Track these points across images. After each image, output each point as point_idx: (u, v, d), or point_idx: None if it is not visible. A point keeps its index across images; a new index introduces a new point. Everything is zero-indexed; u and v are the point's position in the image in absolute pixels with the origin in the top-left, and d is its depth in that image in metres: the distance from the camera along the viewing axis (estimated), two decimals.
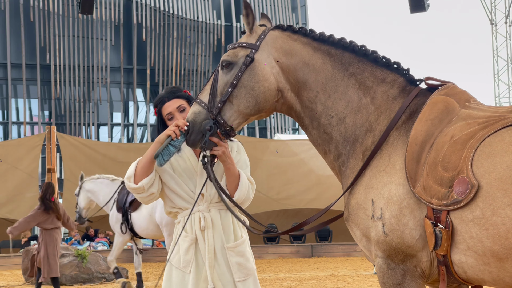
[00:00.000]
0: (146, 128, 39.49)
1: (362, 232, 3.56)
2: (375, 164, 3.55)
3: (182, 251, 3.75)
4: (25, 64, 36.69)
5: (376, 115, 3.64)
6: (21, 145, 18.58)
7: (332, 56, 3.71)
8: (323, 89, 3.68)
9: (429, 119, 3.47)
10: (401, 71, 3.70)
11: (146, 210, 10.41)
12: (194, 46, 38.90)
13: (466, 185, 3.20)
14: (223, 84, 3.67)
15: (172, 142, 3.66)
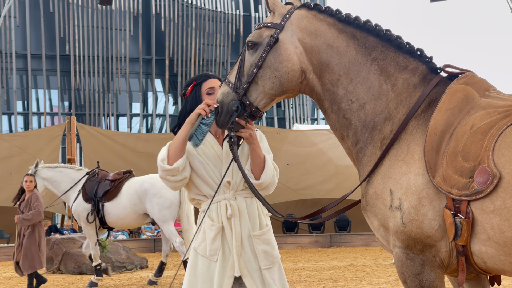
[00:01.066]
0: (165, 119, 39.60)
1: (380, 222, 3.54)
2: (394, 154, 3.51)
3: (208, 240, 3.73)
4: (45, 54, 36.90)
5: (396, 103, 3.58)
6: (42, 135, 18.72)
7: (357, 39, 3.64)
8: (346, 72, 3.62)
9: (448, 108, 3.43)
10: (423, 59, 3.64)
11: (127, 199, 10.55)
12: (212, 36, 38.90)
13: (487, 175, 3.17)
14: (249, 65, 3.64)
15: (203, 120, 3.63)
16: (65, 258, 12.50)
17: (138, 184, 10.73)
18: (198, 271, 3.71)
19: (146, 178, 11.00)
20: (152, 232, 18.19)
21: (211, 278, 3.69)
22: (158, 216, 10.50)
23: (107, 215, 10.56)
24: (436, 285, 3.44)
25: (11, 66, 36.18)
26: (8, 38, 35.87)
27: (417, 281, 3.45)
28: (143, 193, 10.58)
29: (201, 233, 3.77)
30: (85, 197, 10.53)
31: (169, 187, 3.81)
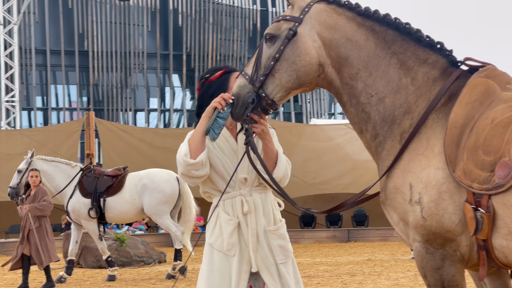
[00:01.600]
0: (182, 114, 39.69)
1: (399, 216, 3.53)
2: (413, 148, 3.49)
3: (226, 235, 3.72)
4: (64, 50, 37.09)
5: (415, 97, 3.56)
6: (61, 130, 18.85)
7: (376, 33, 3.61)
8: (365, 66, 3.60)
9: (469, 102, 3.40)
10: (444, 52, 3.60)
11: (128, 194, 10.63)
12: (230, 31, 38.92)
13: (508, 169, 3.16)
14: (266, 58, 3.64)
15: (219, 114, 3.63)
16: (84, 252, 12.60)
17: (136, 179, 10.82)
18: (215, 266, 3.70)
19: (143, 173, 11.07)
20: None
21: (228, 273, 3.69)
22: (154, 210, 10.62)
23: (108, 210, 10.59)
24: (457, 280, 3.43)
25: (31, 62, 36.42)
26: (28, 34, 36.10)
27: (437, 275, 3.43)
28: (141, 188, 10.68)
29: (217, 228, 3.75)
30: (83, 192, 10.49)
31: (189, 183, 3.80)
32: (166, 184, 10.90)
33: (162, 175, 11.10)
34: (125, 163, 18.11)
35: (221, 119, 3.63)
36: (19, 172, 10.64)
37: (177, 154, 3.73)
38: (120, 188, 10.71)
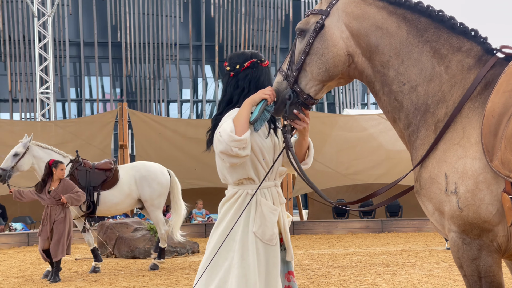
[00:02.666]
0: (214, 104, 39.77)
1: (434, 206, 3.50)
2: (449, 137, 3.46)
3: (270, 224, 3.69)
4: (97, 42, 37.38)
5: (449, 85, 3.52)
6: (94, 122, 19.00)
7: (408, 21, 3.59)
8: (397, 54, 3.58)
9: (506, 90, 3.35)
10: (478, 39, 3.56)
11: (127, 186, 10.66)
12: (262, 21, 38.86)
13: None
14: (298, 53, 3.66)
15: (267, 107, 3.64)
16: (119, 242, 12.70)
17: (133, 170, 10.83)
18: (262, 256, 3.66)
19: (137, 165, 11.08)
20: (203, 217, 18.35)
21: (273, 263, 3.69)
22: (154, 202, 10.69)
23: (102, 203, 10.56)
24: (493, 270, 3.40)
25: (65, 54, 36.77)
26: (62, 26, 36.44)
27: (473, 266, 3.40)
28: (140, 179, 10.72)
29: (258, 217, 3.70)
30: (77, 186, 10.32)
31: (228, 162, 3.64)
32: (162, 176, 11.00)
33: (156, 167, 11.16)
34: (158, 154, 18.25)
35: (268, 112, 3.65)
36: (16, 156, 10.50)
37: (220, 130, 3.61)
38: (116, 181, 10.71)
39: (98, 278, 9.78)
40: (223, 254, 3.62)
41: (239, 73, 3.76)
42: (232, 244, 3.63)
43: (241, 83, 3.74)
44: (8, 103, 36.47)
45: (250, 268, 3.62)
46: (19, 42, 35.56)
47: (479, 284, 3.41)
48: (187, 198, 19.33)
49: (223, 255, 3.62)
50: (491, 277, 3.38)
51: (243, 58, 3.81)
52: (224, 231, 3.66)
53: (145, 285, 8.83)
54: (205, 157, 18.83)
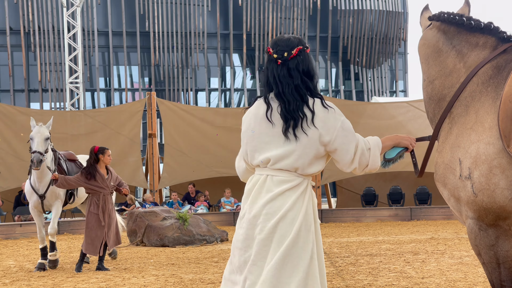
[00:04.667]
0: (243, 93, 39.78)
1: (450, 192, 3.51)
2: (461, 122, 3.49)
3: (316, 210, 3.66)
4: (125, 31, 37.56)
5: (466, 76, 3.69)
6: (123, 111, 19.12)
7: (441, 31, 3.99)
8: (426, 59, 4.03)
9: None
10: (493, 32, 3.69)
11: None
12: (289, 10, 38.73)
13: None
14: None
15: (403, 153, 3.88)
16: (148, 231, 12.79)
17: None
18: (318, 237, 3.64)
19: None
20: (231, 206, 18.41)
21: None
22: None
23: (80, 195, 10.39)
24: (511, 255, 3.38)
25: (93, 43, 37.01)
26: (90, 16, 36.67)
27: (491, 252, 3.40)
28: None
29: (316, 210, 3.68)
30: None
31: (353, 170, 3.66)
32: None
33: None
34: (186, 142, 18.33)
35: (401, 158, 3.88)
36: (47, 140, 9.91)
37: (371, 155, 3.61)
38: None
39: (127, 266, 9.87)
40: (302, 246, 3.49)
41: (287, 61, 3.57)
42: (310, 236, 3.53)
43: (293, 71, 3.55)
44: (38, 93, 36.85)
45: (323, 258, 3.63)
46: (48, 32, 35.87)
47: (498, 271, 3.40)
48: (215, 186, 19.47)
49: (303, 247, 3.49)
50: (509, 262, 3.37)
51: (290, 46, 3.60)
52: (302, 223, 3.52)
53: (175, 273, 8.89)
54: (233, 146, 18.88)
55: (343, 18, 39.71)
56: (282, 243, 3.46)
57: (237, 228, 3.68)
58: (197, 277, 8.49)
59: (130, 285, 7.95)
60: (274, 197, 3.51)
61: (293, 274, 3.42)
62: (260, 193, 3.56)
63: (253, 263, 3.48)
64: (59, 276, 8.89)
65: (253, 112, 3.65)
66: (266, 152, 3.54)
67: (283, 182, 3.52)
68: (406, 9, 41.24)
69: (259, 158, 3.57)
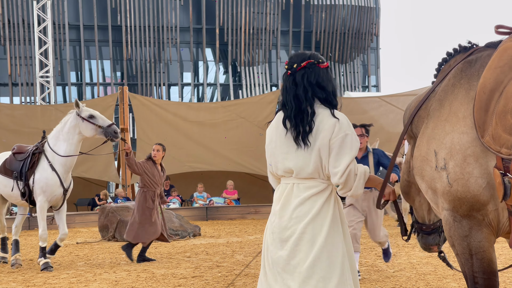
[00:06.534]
0: (215, 88, 39.71)
1: (427, 184, 3.54)
2: (437, 115, 3.54)
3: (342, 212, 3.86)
4: (97, 25, 37.27)
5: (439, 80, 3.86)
6: (95, 105, 18.89)
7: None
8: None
9: (498, 66, 3.39)
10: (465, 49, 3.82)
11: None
12: (262, 4, 38.71)
13: None
14: None
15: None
16: (120, 226, 12.72)
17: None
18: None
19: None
20: (204, 201, 18.38)
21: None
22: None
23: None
24: (483, 246, 3.41)
25: (64, 37, 36.68)
26: (61, 9, 36.32)
27: (465, 243, 3.43)
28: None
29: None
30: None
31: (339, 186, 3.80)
32: None
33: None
34: (159, 137, 18.24)
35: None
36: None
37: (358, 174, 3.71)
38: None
39: (99, 262, 9.81)
40: (334, 246, 3.68)
41: (296, 72, 3.78)
42: (339, 237, 3.72)
43: (298, 81, 3.75)
44: (8, 87, 36.43)
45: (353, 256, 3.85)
46: (18, 26, 35.45)
47: (470, 261, 3.44)
48: (187, 181, 19.40)
49: (334, 246, 3.68)
50: (481, 253, 3.40)
51: (301, 58, 3.81)
52: (332, 224, 3.70)
53: (147, 269, 8.86)
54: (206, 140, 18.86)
55: (316, 13, 39.79)
56: (315, 243, 3.65)
57: (268, 234, 3.83)
58: (169, 272, 8.46)
59: (101, 281, 7.91)
60: (302, 201, 3.70)
61: (330, 271, 3.61)
62: (289, 200, 3.75)
63: (287, 263, 3.68)
64: (29, 272, 8.81)
65: (274, 125, 3.85)
66: (287, 162, 3.74)
67: (309, 188, 3.72)
68: (378, 5, 41.42)
69: (282, 169, 3.77)
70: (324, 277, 3.59)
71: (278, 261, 3.71)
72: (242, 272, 8.22)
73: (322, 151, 3.64)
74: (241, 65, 39.13)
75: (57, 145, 9.41)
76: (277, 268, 3.70)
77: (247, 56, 39.04)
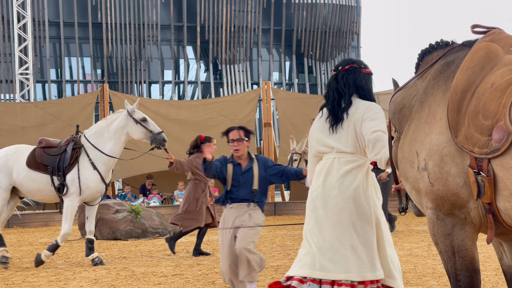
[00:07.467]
0: (196, 86, 39.64)
1: (411, 185, 3.59)
2: (417, 117, 3.62)
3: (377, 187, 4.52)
4: (77, 22, 37.06)
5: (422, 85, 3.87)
6: (75, 103, 18.88)
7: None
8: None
9: (469, 67, 3.45)
10: (444, 45, 3.87)
11: None
12: (244, 2, 38.69)
13: (503, 133, 3.18)
14: None
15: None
16: (100, 224, 12.66)
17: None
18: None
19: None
20: None
21: None
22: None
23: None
24: (466, 244, 3.46)
25: (44, 34, 36.44)
26: (41, 6, 36.07)
27: (447, 241, 3.48)
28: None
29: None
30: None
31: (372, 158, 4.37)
32: None
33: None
34: None
35: None
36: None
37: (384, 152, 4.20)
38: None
39: (79, 260, 9.77)
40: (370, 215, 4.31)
41: (339, 73, 4.54)
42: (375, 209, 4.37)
43: (339, 79, 4.52)
44: None
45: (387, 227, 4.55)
46: None
47: (453, 259, 3.48)
48: (168, 179, 19.33)
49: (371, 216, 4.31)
50: (463, 251, 3.44)
51: (346, 62, 4.59)
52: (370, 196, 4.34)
53: (127, 267, 8.83)
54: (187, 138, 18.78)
55: (297, 11, 39.83)
56: (356, 212, 4.27)
57: (311, 201, 4.56)
58: (149, 270, 8.44)
59: (80, 279, 7.87)
60: (343, 174, 4.31)
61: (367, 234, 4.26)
62: (330, 172, 4.37)
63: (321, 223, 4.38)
64: (7, 270, 8.75)
65: (319, 115, 4.63)
66: (328, 140, 4.42)
67: (348, 162, 4.34)
68: (359, 3, 41.55)
69: (324, 145, 4.43)
70: (367, 240, 4.25)
71: (319, 218, 4.40)
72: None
73: (356, 125, 4.29)
74: (222, 63, 39.10)
75: (101, 142, 9.17)
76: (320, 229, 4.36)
77: (228, 54, 39.01)
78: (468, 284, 3.46)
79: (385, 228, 4.39)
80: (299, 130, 17.39)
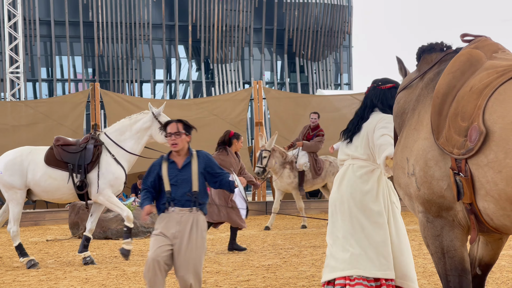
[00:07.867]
0: (188, 85, 39.60)
1: (403, 191, 3.71)
2: (409, 124, 3.75)
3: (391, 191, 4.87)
4: (68, 21, 36.96)
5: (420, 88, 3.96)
6: (66, 102, 18.81)
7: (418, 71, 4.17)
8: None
9: (450, 72, 3.58)
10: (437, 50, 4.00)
11: None
12: (235, 1, 38.68)
13: (476, 133, 3.27)
14: None
15: None
16: None
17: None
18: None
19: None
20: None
21: None
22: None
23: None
24: (455, 245, 3.53)
25: (35, 33, 36.31)
26: (32, 5, 35.95)
27: (437, 243, 3.56)
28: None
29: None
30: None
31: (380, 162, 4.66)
32: None
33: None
34: None
35: None
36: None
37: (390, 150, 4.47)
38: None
39: (70, 259, 9.74)
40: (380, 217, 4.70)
41: (376, 89, 4.97)
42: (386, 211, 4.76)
43: (369, 95, 5.03)
44: None
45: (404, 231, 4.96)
46: None
47: (443, 260, 3.55)
48: None
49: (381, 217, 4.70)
50: (453, 252, 3.51)
51: (385, 81, 4.96)
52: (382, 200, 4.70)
53: (117, 266, 8.81)
54: None
55: (289, 10, 39.85)
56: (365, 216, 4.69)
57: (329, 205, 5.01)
58: (140, 269, 8.42)
59: (71, 279, 7.84)
60: (356, 179, 4.75)
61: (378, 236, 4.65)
62: (344, 178, 4.83)
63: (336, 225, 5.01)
64: None
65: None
66: (346, 149, 4.94)
67: (361, 167, 4.78)
68: (351, 3, 41.61)
69: (343, 153, 4.97)
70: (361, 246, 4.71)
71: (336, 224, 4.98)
72: (213, 269, 8.22)
73: (369, 134, 4.72)
74: (214, 62, 39.07)
75: (122, 140, 9.21)
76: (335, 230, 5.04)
77: (220, 53, 38.99)
78: (458, 284, 3.52)
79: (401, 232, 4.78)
80: (291, 129, 17.41)
